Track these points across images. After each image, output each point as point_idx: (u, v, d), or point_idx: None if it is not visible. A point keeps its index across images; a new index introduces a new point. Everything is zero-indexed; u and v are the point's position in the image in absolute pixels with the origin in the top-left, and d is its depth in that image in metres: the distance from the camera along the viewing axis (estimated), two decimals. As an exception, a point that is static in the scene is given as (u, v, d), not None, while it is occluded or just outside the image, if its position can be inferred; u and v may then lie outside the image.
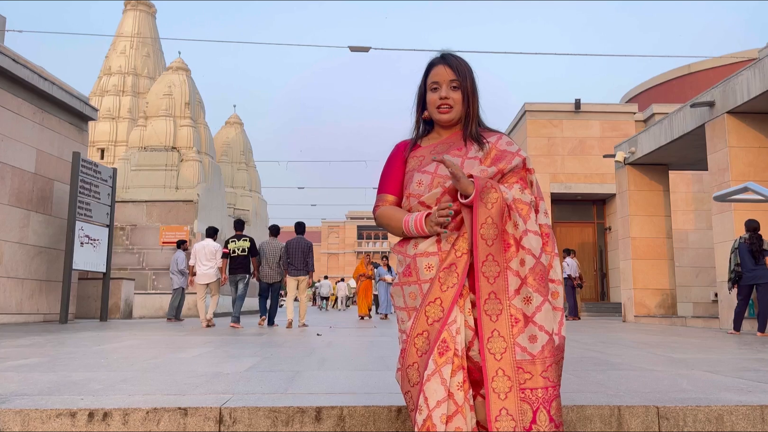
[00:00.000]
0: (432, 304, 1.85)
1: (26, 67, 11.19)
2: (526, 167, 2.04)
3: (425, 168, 2.04)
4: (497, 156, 2.02)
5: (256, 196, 28.00)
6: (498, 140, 2.07)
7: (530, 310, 1.82)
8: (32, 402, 2.62)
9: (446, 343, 1.80)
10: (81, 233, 11.73)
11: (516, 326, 1.80)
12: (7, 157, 10.78)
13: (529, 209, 1.92)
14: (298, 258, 10.17)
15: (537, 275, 1.85)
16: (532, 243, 1.87)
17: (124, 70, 24.26)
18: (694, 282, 17.00)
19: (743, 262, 8.60)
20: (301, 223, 10.69)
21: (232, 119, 28.71)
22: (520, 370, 1.77)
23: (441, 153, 2.05)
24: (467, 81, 2.07)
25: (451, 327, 1.82)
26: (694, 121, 11.09)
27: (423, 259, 1.92)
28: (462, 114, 2.09)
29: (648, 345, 6.13)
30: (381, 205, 2.12)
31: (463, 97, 2.07)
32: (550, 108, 18.26)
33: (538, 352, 1.78)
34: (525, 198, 1.93)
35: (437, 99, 2.07)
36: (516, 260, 1.85)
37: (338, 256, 71.06)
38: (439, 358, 1.78)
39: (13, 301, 10.85)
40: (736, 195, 3.79)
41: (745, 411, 2.59)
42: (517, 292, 1.83)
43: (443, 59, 2.10)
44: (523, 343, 1.79)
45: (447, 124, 2.10)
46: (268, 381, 3.33)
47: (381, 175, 2.18)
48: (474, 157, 2.01)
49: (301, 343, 6.37)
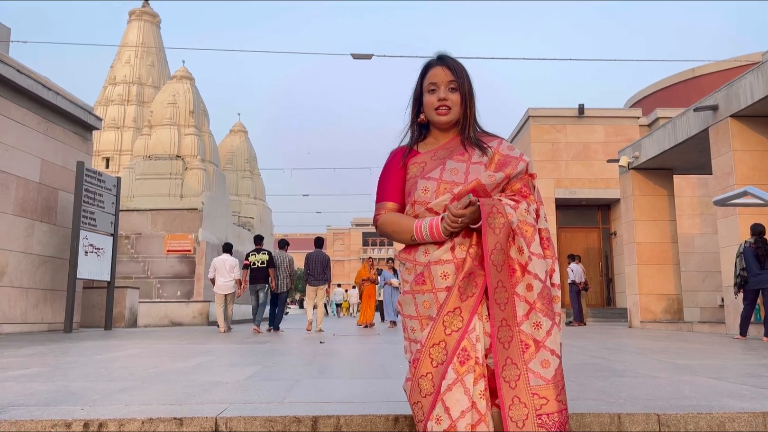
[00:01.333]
0: (451, 313, 1.81)
1: (30, 78, 11.26)
2: (528, 172, 2.02)
3: (429, 174, 2.00)
4: (501, 161, 1.99)
5: (261, 203, 28.05)
6: (499, 145, 2.04)
7: (540, 335, 1.80)
8: (28, 413, 2.61)
9: (467, 352, 1.78)
10: (85, 242, 11.76)
11: (527, 352, 1.79)
12: (11, 167, 10.83)
13: (533, 232, 1.89)
14: (317, 270, 11.16)
15: (545, 299, 1.84)
16: (537, 267, 1.85)
17: (128, 80, 24.41)
18: (700, 287, 16.90)
19: (749, 267, 8.53)
20: (320, 237, 11.65)
21: (237, 127, 28.79)
22: (535, 396, 1.75)
23: (442, 158, 2.02)
24: (465, 83, 2.05)
25: (471, 335, 1.80)
26: (698, 125, 11.04)
27: (438, 267, 1.88)
28: (460, 116, 2.06)
29: (652, 351, 6.08)
30: (382, 212, 2.07)
31: (461, 99, 2.04)
32: (554, 113, 18.24)
33: (552, 377, 1.77)
34: (529, 219, 1.91)
35: (435, 100, 2.03)
36: (522, 285, 1.83)
37: (344, 263, 71.08)
38: (461, 367, 1.76)
39: (17, 311, 10.87)
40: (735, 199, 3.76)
41: (747, 418, 2.56)
42: (525, 317, 1.81)
43: (441, 60, 2.07)
44: (536, 369, 1.78)
45: (445, 126, 2.07)
46: (266, 390, 3.32)
47: (379, 184, 2.13)
48: (479, 162, 1.98)
49: (303, 351, 6.35)
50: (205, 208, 18.80)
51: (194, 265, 18.29)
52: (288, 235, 79.47)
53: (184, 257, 18.26)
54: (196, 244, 18.32)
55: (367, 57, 13.57)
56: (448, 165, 1.99)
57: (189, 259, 18.29)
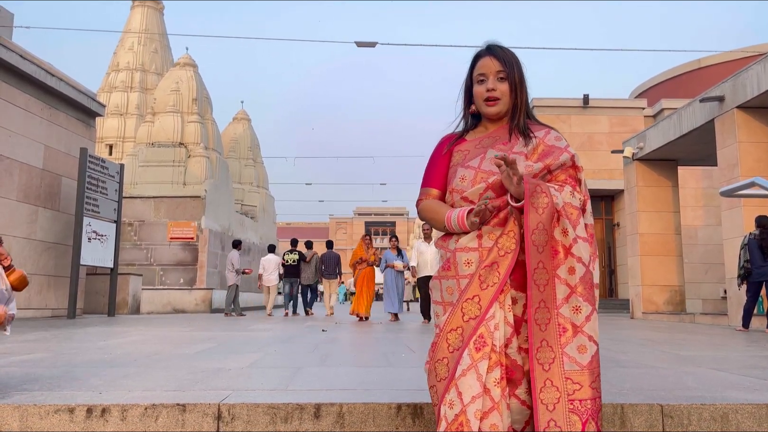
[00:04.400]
0: (470, 300, 1.81)
1: (34, 63, 11.23)
2: (575, 164, 1.95)
3: (469, 163, 1.99)
4: (544, 151, 1.95)
5: (264, 192, 28.02)
6: (546, 135, 2.00)
7: (579, 319, 1.77)
8: (31, 398, 2.62)
9: (483, 339, 1.76)
10: (89, 229, 11.78)
11: (564, 336, 1.76)
12: (15, 153, 10.83)
13: (579, 214, 1.85)
14: (331, 266, 14.06)
15: (586, 284, 1.79)
16: (581, 250, 1.81)
17: (132, 66, 24.34)
18: (703, 278, 16.87)
19: (753, 259, 8.51)
20: (330, 241, 14.73)
21: (240, 115, 28.72)
22: (569, 380, 1.72)
23: (486, 147, 2.01)
24: (514, 72, 2.01)
25: (489, 323, 1.78)
26: (704, 116, 10.98)
27: (462, 254, 1.88)
28: (509, 106, 2.04)
29: (655, 342, 6.08)
30: (424, 198, 2.09)
31: (510, 88, 2.01)
32: (558, 103, 18.15)
33: (588, 363, 1.74)
34: (575, 202, 1.86)
35: (484, 91, 2.01)
36: (564, 267, 1.79)
37: (346, 251, 71.19)
38: (476, 353, 1.75)
39: (21, 297, 10.90)
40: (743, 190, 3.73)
41: (750, 409, 2.55)
42: (565, 300, 1.78)
43: (489, 50, 2.04)
44: (572, 354, 1.74)
45: (494, 116, 2.05)
46: (268, 377, 3.32)
47: (425, 169, 2.14)
48: (519, 152, 1.94)
49: (305, 339, 6.36)
50: (208, 195, 18.80)
51: (197, 253, 18.32)
52: (291, 224, 79.56)
53: (186, 245, 18.28)
54: (199, 232, 18.33)
55: (371, 45, 13.49)
56: (489, 154, 1.97)
57: (192, 246, 18.32)
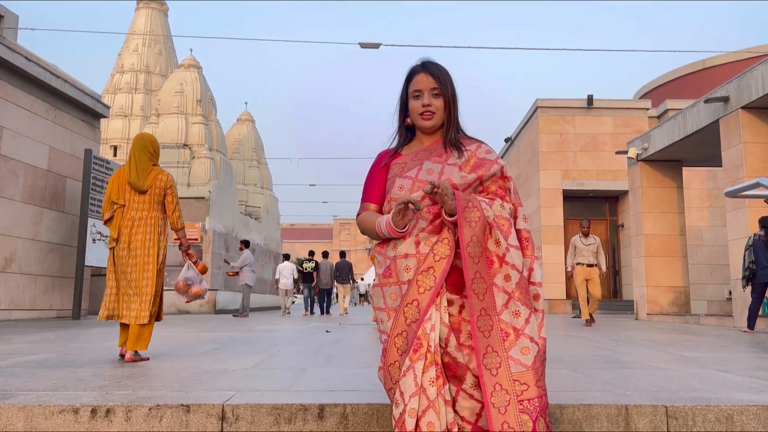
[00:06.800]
0: (410, 305, 1.91)
1: (39, 65, 11.27)
2: (504, 175, 2.10)
3: (407, 173, 2.11)
4: (476, 164, 2.08)
5: (268, 193, 28.05)
6: (477, 148, 2.13)
7: (519, 323, 1.87)
8: (36, 398, 2.63)
9: (420, 341, 1.86)
10: (93, 230, 11.82)
11: (507, 340, 1.85)
12: (20, 155, 10.87)
13: (509, 225, 1.98)
14: (344, 273, 16.32)
15: (522, 289, 1.91)
16: (514, 258, 1.92)
17: (136, 68, 24.39)
18: (708, 279, 16.83)
19: (757, 260, 8.48)
20: (343, 251, 17.17)
21: (244, 116, 28.75)
22: (516, 382, 1.81)
23: (422, 160, 2.14)
24: (448, 88, 2.14)
25: (425, 324, 1.88)
26: (708, 116, 10.95)
27: (402, 260, 1.98)
28: (443, 120, 2.16)
29: (659, 343, 6.06)
30: (362, 212, 2.20)
31: (444, 104, 2.13)
32: (562, 104, 18.13)
33: (531, 363, 1.83)
34: (505, 213, 1.99)
35: (420, 106, 2.13)
36: (500, 276, 1.90)
37: (350, 252, 71.21)
38: (414, 354, 1.85)
39: (26, 297, 10.95)
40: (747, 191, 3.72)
41: (755, 411, 2.54)
42: (505, 306, 1.88)
43: (424, 67, 2.16)
44: (516, 356, 1.83)
45: (429, 130, 2.17)
46: (272, 378, 3.32)
47: (364, 184, 2.25)
48: (454, 164, 2.07)
49: (310, 340, 6.36)
50: (212, 196, 18.83)
51: (201, 254, 18.34)
52: (295, 225, 79.71)
53: (191, 246, 18.31)
54: (203, 233, 18.37)
55: (375, 46, 13.51)
56: (425, 165, 2.10)
57: (196, 247, 18.34)
